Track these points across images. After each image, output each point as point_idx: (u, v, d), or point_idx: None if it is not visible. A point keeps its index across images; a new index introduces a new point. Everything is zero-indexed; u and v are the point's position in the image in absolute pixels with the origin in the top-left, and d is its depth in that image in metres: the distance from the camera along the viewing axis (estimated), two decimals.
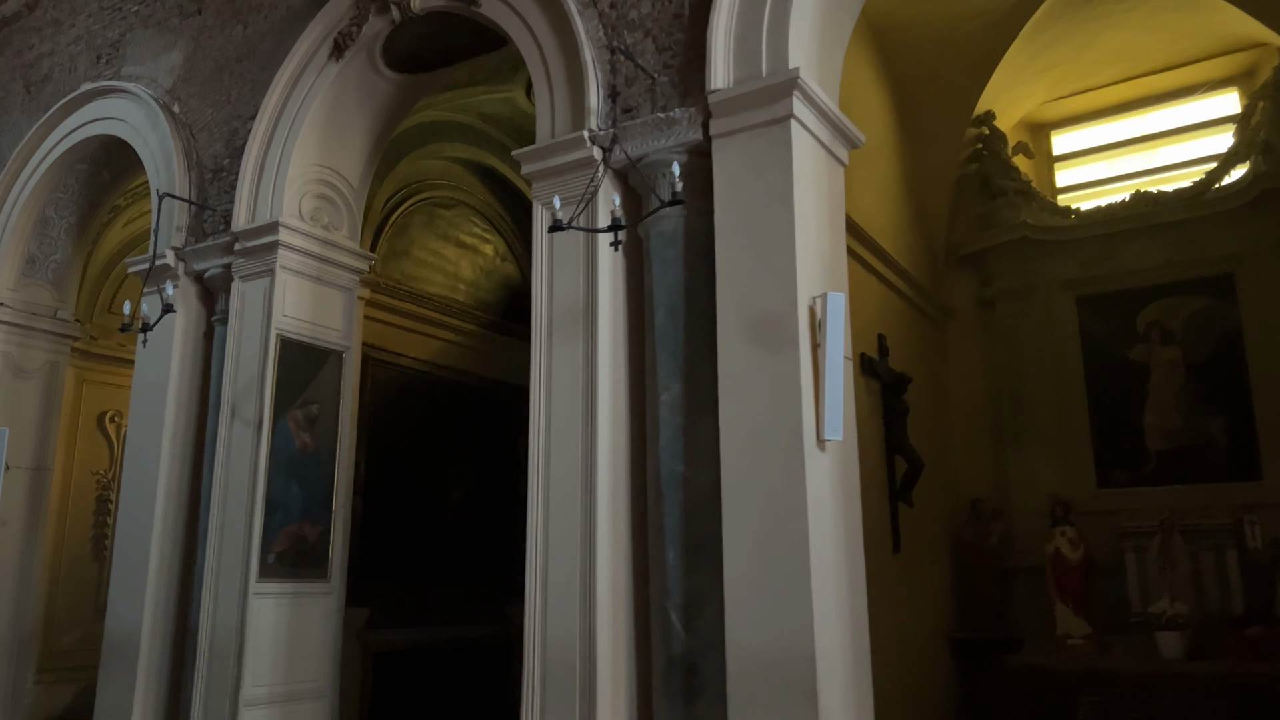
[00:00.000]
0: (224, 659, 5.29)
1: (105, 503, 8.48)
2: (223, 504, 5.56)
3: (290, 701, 5.47)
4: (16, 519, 7.33)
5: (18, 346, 7.52)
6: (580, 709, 4.06)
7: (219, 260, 6.08)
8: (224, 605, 5.38)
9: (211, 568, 5.49)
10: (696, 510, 4.12)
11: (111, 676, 5.76)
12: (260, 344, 5.68)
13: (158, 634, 5.76)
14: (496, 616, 8.50)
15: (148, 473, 5.96)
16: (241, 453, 5.57)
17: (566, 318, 4.53)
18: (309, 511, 5.75)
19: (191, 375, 6.16)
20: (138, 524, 5.90)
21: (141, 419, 6.13)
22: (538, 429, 4.52)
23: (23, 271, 7.66)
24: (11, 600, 7.24)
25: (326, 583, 5.80)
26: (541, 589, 4.32)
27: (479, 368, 8.60)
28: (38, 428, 7.54)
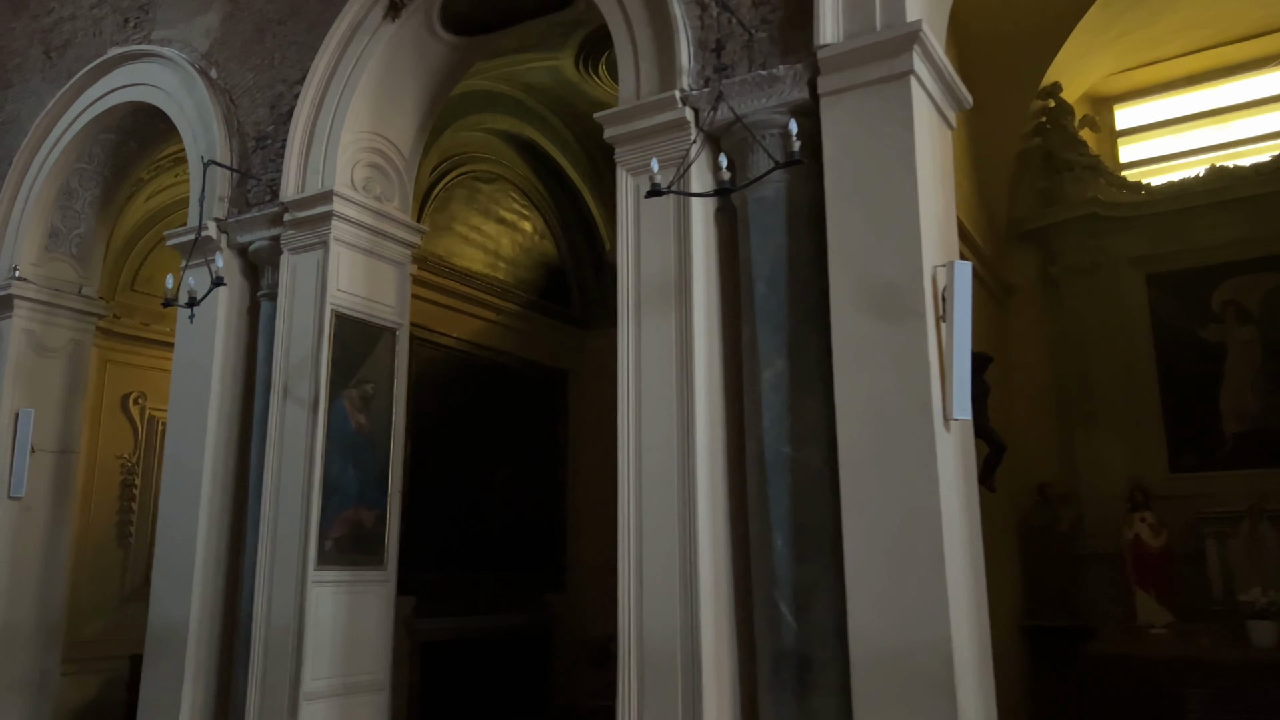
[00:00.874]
0: (281, 651, 5.05)
1: (130, 487, 8.21)
2: (276, 488, 5.31)
3: (349, 694, 5.24)
4: (41, 503, 7.06)
5: (41, 324, 7.23)
6: (684, 706, 3.85)
7: (265, 232, 5.81)
8: (280, 594, 5.14)
9: (265, 555, 5.25)
10: (805, 493, 3.90)
11: (156, 669, 5.52)
12: (314, 320, 5.42)
13: (205, 624, 5.52)
14: (536, 604, 8.30)
15: (192, 455, 5.70)
16: (295, 434, 5.32)
17: (657, 291, 4.29)
18: (365, 495, 5.51)
19: (236, 353, 5.90)
20: (182, 509, 5.65)
21: (184, 399, 5.86)
22: (627, 409, 4.29)
23: (45, 246, 7.37)
24: (36, 587, 6.98)
25: (383, 570, 5.57)
26: (636, 579, 4.11)
27: (519, 349, 8.36)
28: (62, 409, 7.27)
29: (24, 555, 6.92)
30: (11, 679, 6.77)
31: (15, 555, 6.88)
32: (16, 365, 7.06)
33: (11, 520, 6.88)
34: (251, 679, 5.12)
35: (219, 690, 5.52)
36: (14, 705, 6.76)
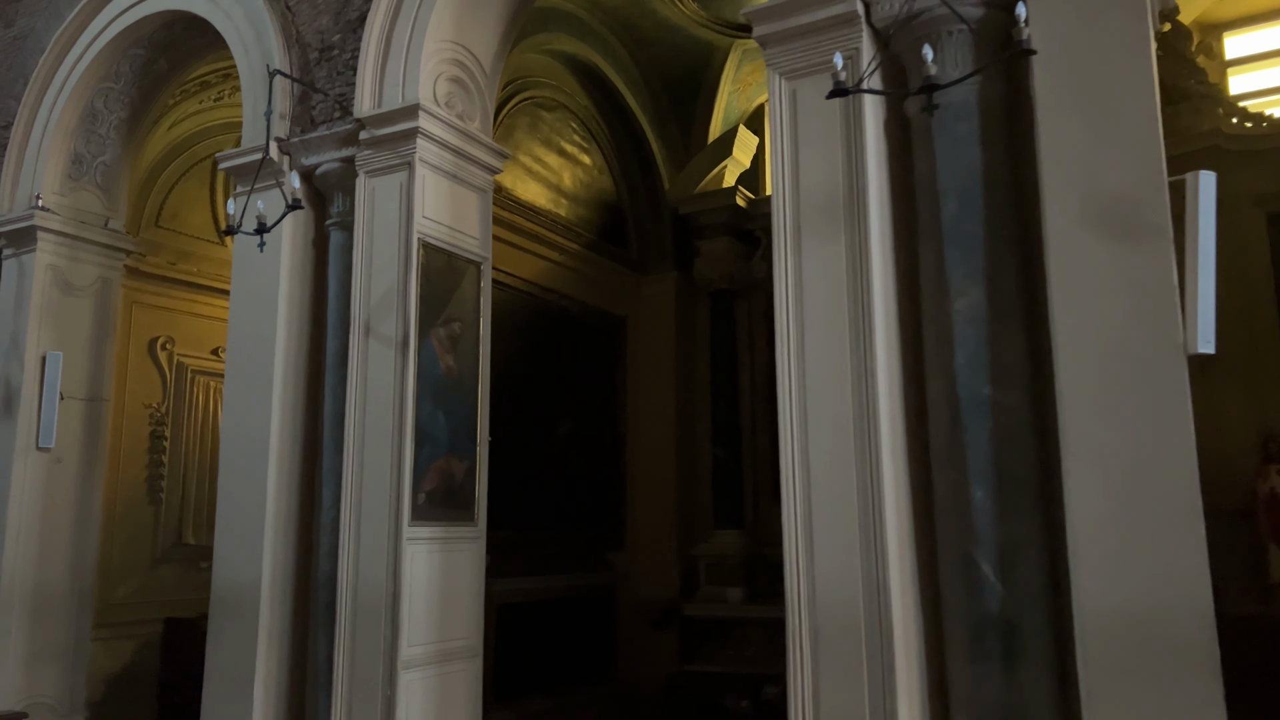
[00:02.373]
0: (372, 615, 4.61)
1: (159, 439, 7.69)
2: (360, 436, 4.84)
3: (444, 662, 4.82)
4: (71, 455, 6.55)
5: (67, 260, 6.66)
6: (871, 680, 3.45)
7: (335, 153, 5.27)
8: (369, 553, 4.69)
9: (349, 510, 4.79)
10: (1010, 439, 3.48)
11: (224, 635, 5.06)
12: (399, 250, 4.92)
13: (277, 587, 5.06)
14: (599, 564, 7.90)
15: (257, 402, 5.20)
16: (382, 376, 4.84)
17: (821, 212, 3.82)
18: (455, 444, 5.06)
19: (302, 288, 5.39)
20: (248, 460, 5.16)
21: (245, 340, 5.34)
22: (787, 344, 3.84)
23: (69, 174, 6.77)
24: (68, 547, 6.49)
25: (473, 526, 5.13)
26: (804, 536, 3.70)
27: (580, 292, 7.88)
28: (91, 353, 6.72)
29: (55, 512, 6.42)
30: (44, 645, 6.30)
31: (46, 511, 6.38)
32: (42, 304, 6.50)
33: (41, 473, 6.37)
34: (339, 647, 4.68)
35: (293, 658, 5.07)
36: (47, 673, 6.29)
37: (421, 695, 4.65)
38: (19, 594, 6.18)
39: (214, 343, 8.20)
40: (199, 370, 8.06)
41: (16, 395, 6.35)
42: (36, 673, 6.24)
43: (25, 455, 6.30)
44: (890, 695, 3.40)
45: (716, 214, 8.34)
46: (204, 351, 8.12)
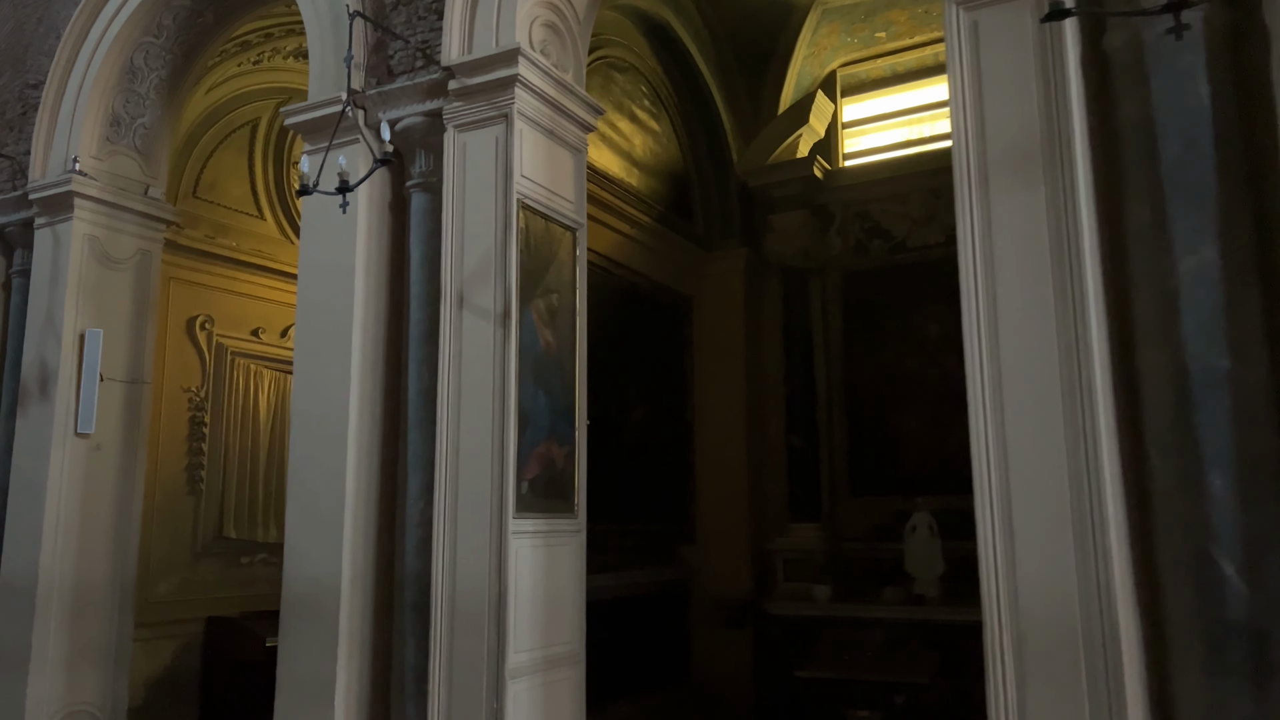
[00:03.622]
0: (475, 618, 4.17)
1: (199, 425, 7.23)
2: (455, 419, 4.38)
3: (548, 670, 4.39)
4: (111, 442, 6.09)
5: (105, 230, 6.19)
6: (1091, 694, 3.01)
7: (417, 106, 4.81)
8: (468, 548, 4.24)
9: (445, 501, 4.34)
10: (1253, 419, 3.03)
11: (299, 640, 4.62)
12: (496, 212, 4.46)
13: (358, 586, 4.60)
14: (671, 559, 7.47)
15: (334, 381, 4.74)
16: (480, 352, 4.39)
17: (1013, 157, 3.37)
18: (556, 428, 4.61)
19: (380, 256, 4.92)
20: (324, 446, 4.70)
21: (318, 314, 4.88)
22: (974, 313, 3.39)
23: (106, 136, 6.29)
24: (109, 541, 6.04)
25: (574, 518, 4.69)
26: (1002, 531, 3.26)
27: (649, 269, 7.42)
28: (131, 331, 6.26)
29: (95, 503, 5.97)
30: (84, 646, 5.85)
31: (86, 502, 5.92)
32: (80, 278, 6.03)
33: (80, 461, 5.91)
34: (434, 653, 4.23)
35: (375, 665, 4.63)
36: (87, 677, 5.85)
37: (528, 707, 4.21)
38: (58, 592, 5.73)
39: (254, 323, 7.75)
40: (239, 352, 7.59)
41: (54, 376, 5.89)
42: (77, 678, 5.79)
43: (64, 441, 5.84)
44: (1120, 716, 2.96)
45: (791, 186, 7.90)
46: (244, 332, 7.65)
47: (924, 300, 7.72)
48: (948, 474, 7.39)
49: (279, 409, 7.86)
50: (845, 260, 8.04)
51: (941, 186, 7.71)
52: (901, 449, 7.68)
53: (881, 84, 8.47)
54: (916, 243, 7.80)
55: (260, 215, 7.91)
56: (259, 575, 7.61)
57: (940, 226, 7.71)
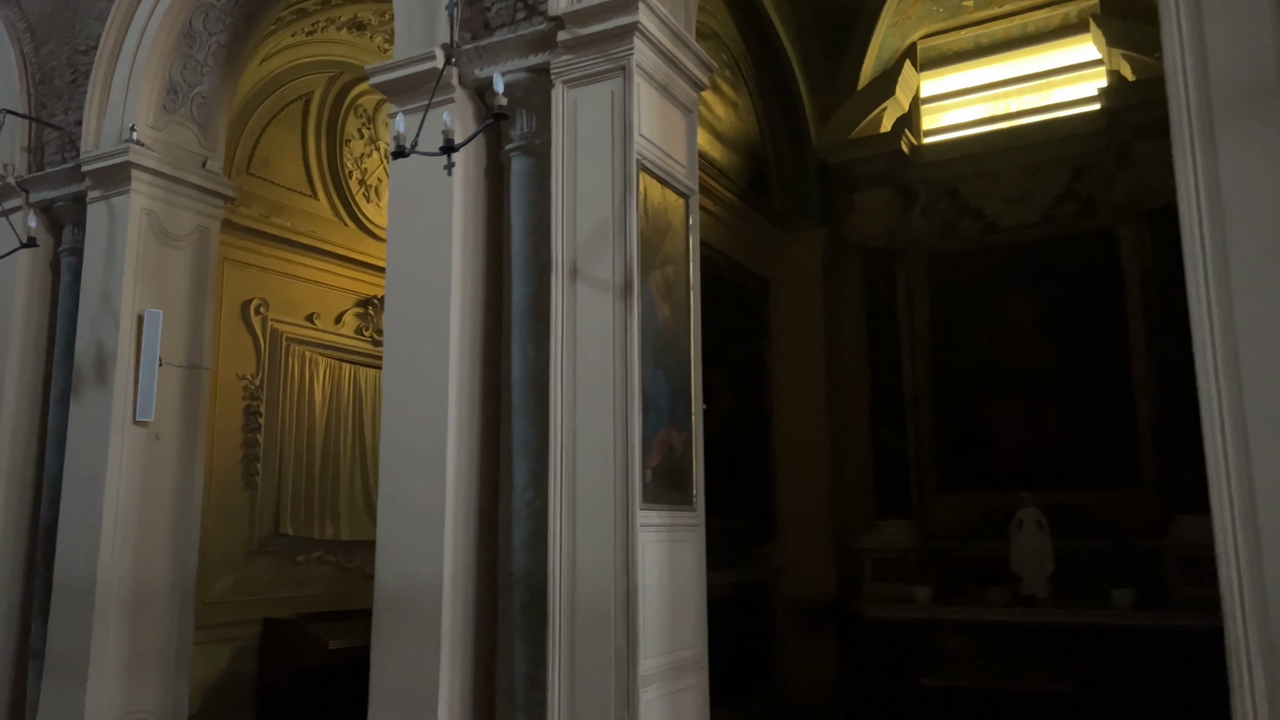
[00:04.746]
0: (600, 619, 3.79)
1: (254, 415, 6.87)
2: (571, 402, 4.01)
3: (675, 676, 4.01)
4: (170, 432, 5.74)
5: (163, 204, 5.84)
6: None
7: (519, 61, 4.44)
8: (591, 543, 3.87)
9: (561, 491, 3.97)
10: None
11: (395, 644, 4.24)
12: (613, 175, 4.09)
13: (460, 584, 4.23)
14: (754, 558, 7.09)
15: (430, 362, 4.37)
16: (597, 328, 4.02)
17: (1244, 98, 2.98)
18: (675, 412, 4.24)
19: (476, 224, 4.55)
20: (421, 432, 4.33)
21: (412, 290, 4.51)
22: (1201, 271, 3.00)
23: (163, 104, 5.94)
24: (169, 538, 5.69)
25: (694, 511, 4.32)
26: (1245, 525, 2.87)
27: (730, 248, 7.06)
28: (190, 313, 5.91)
29: (154, 496, 5.62)
30: (145, 651, 5.50)
31: (145, 496, 5.57)
32: (139, 255, 5.68)
33: (138, 452, 5.56)
34: (552, 658, 3.86)
35: (478, 671, 4.25)
36: (147, 682, 5.50)
37: (658, 719, 3.83)
38: (117, 592, 5.38)
39: (309, 307, 7.39)
40: (294, 338, 7.24)
41: (111, 360, 5.54)
42: (136, 683, 5.44)
43: (122, 430, 5.49)
44: None
45: (874, 163, 7.52)
46: (298, 317, 7.30)
47: (1017, 284, 7.34)
48: (1045, 467, 7.03)
49: (334, 398, 7.51)
50: (931, 242, 7.65)
51: (1037, 163, 7.36)
52: (993, 442, 7.29)
53: (963, 57, 8.08)
54: (1009, 222, 7.41)
55: (314, 195, 7.56)
56: (314, 574, 7.26)
57: (1035, 205, 7.33)
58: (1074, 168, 7.20)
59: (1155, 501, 6.54)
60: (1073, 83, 7.60)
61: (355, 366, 7.74)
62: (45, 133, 6.22)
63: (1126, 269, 6.95)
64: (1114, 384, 6.90)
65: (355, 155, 7.96)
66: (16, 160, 6.21)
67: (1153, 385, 6.70)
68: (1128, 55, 6.70)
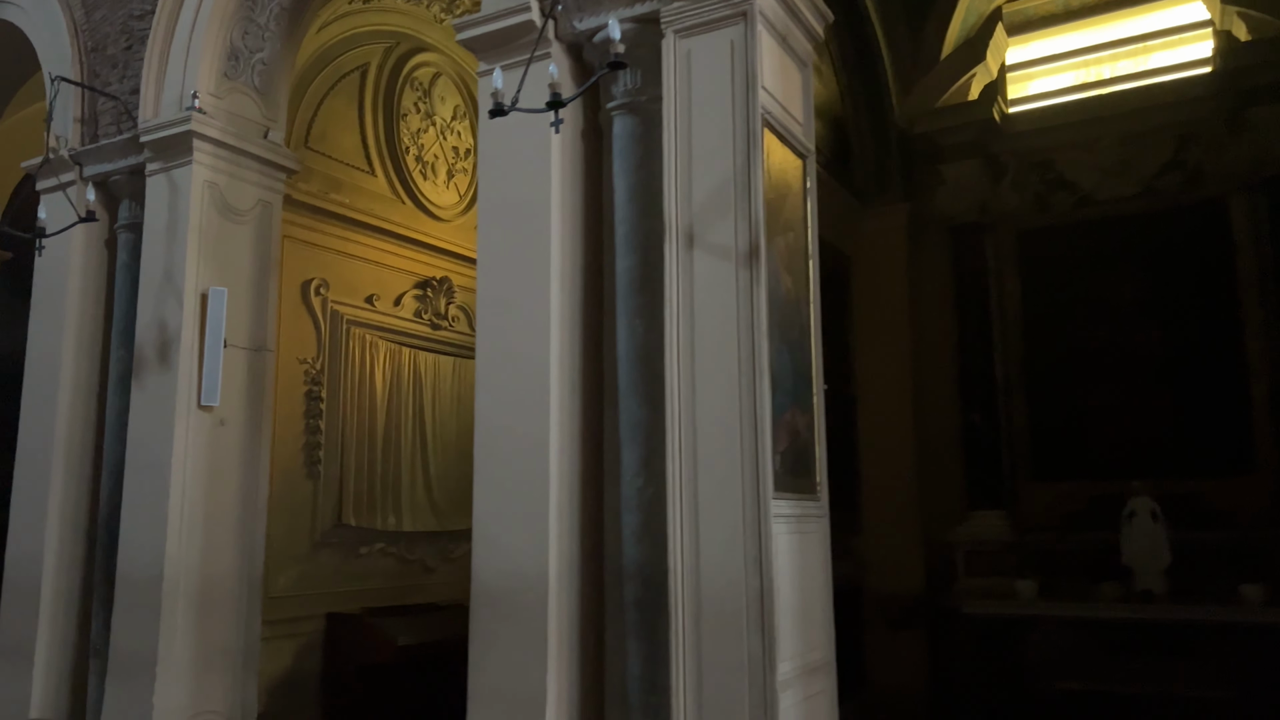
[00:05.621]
0: (729, 618, 3.49)
1: (315, 401, 6.59)
2: (689, 380, 3.70)
3: (806, 680, 3.70)
4: (236, 417, 5.48)
5: (226, 176, 5.56)
6: None
7: (623, 11, 4.10)
8: (717, 535, 3.56)
9: (680, 478, 3.66)
10: None
11: (495, 643, 3.95)
12: (734, 131, 3.77)
13: (565, 578, 3.93)
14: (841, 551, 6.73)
15: (529, 338, 4.07)
16: (718, 299, 3.70)
17: None
18: (798, 392, 3.92)
19: (575, 191, 4.23)
20: (522, 415, 4.02)
21: (506, 260, 4.20)
22: None
23: (224, 72, 5.67)
24: (236, 528, 5.44)
25: (818, 500, 4.00)
26: None
27: None
28: (253, 292, 5.65)
29: (220, 486, 5.37)
30: (212, 648, 5.26)
31: (211, 485, 5.32)
32: (201, 230, 5.41)
33: (204, 438, 5.30)
34: (676, 661, 3.55)
35: (585, 672, 3.95)
36: (215, 682, 5.26)
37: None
38: (184, 586, 5.13)
39: (368, 289, 7.11)
40: (354, 321, 6.95)
41: (174, 341, 5.27)
42: (205, 682, 5.19)
43: (187, 415, 5.22)
44: None
45: (963, 132, 7.15)
46: (358, 299, 7.01)
47: (1116, 260, 6.95)
48: (1150, 455, 6.66)
49: (394, 384, 7.23)
50: (1022, 217, 7.27)
51: (1138, 131, 6.94)
52: (1092, 428, 6.92)
53: (1050, 22, 7.68)
54: (1106, 195, 7.02)
55: (371, 171, 7.27)
56: (376, 567, 6.99)
57: (1136, 176, 6.93)
58: (1179, 135, 6.79)
59: (1273, 488, 6.16)
60: (1174, 46, 7.19)
61: (415, 351, 7.45)
62: (99, 103, 5.96)
63: (1239, 241, 6.55)
64: (1225, 364, 6.51)
65: (412, 130, 7.67)
66: (69, 132, 5.95)
67: (1269, 364, 6.32)
68: (1244, 13, 6.30)
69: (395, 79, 7.55)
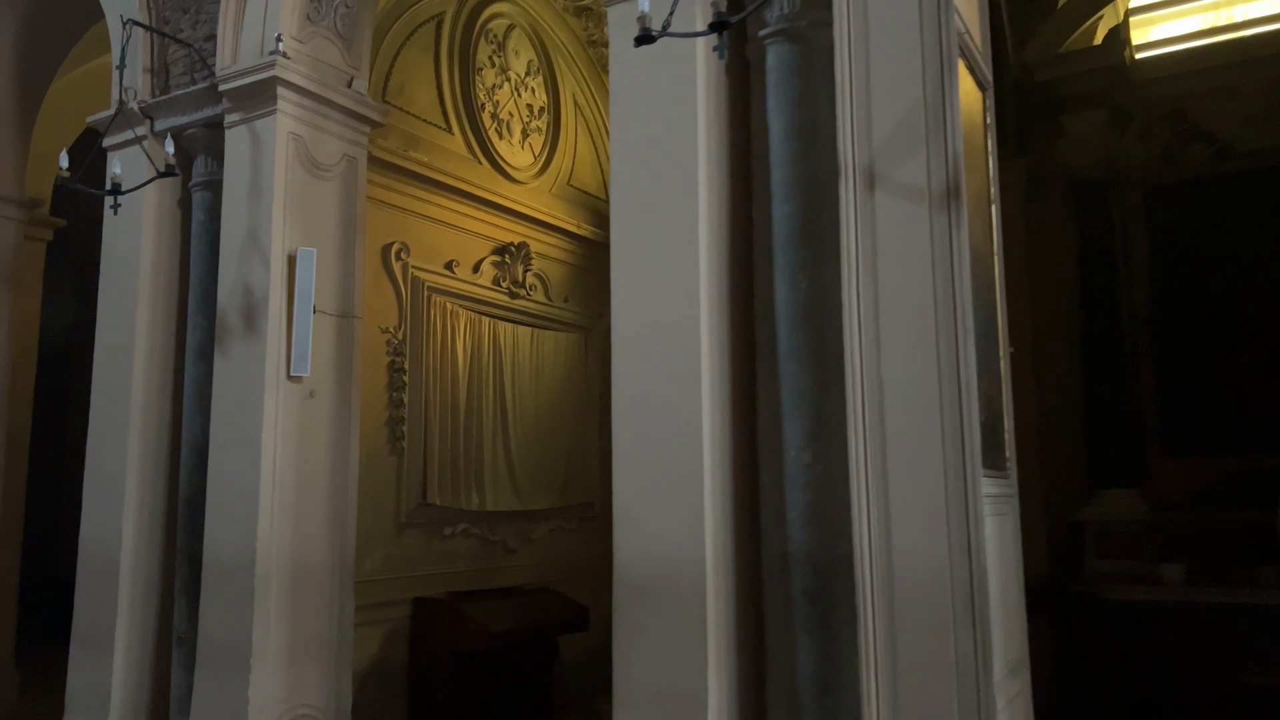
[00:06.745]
0: (931, 613, 3.05)
1: (398, 372, 6.19)
2: (874, 340, 3.25)
3: (1009, 680, 3.24)
4: (325, 390, 5.08)
5: (310, 128, 5.14)
6: None
7: None
8: (912, 518, 3.11)
9: (864, 452, 3.20)
10: None
11: (646, 635, 3.53)
12: (923, 56, 3.29)
13: (722, 567, 3.49)
14: None
15: (675, 297, 3.63)
16: (908, 246, 3.23)
17: None
18: (988, 355, 3.44)
19: (720, 132, 3.76)
20: (668, 383, 3.60)
21: (645, 210, 3.75)
22: None
23: (307, 14, 5.22)
24: (327, 508, 5.07)
25: (1008, 479, 3.54)
26: None
27: None
28: (339, 254, 5.24)
29: (310, 463, 4.99)
30: (306, 637, 4.89)
31: (301, 462, 4.93)
32: (286, 186, 5.00)
33: (293, 411, 4.91)
34: (867, 661, 3.13)
35: (743, 670, 3.53)
36: (310, 675, 4.89)
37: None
38: (276, 571, 4.75)
39: (448, 254, 6.69)
40: (435, 288, 6.53)
41: (261, 306, 4.87)
42: (299, 674, 4.83)
43: (277, 386, 4.83)
44: None
45: (1088, 80, 6.60)
46: (438, 265, 6.59)
47: (1260, 216, 6.39)
48: None
49: (475, 355, 6.81)
50: (1150, 171, 6.71)
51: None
52: (1227, 399, 6.39)
53: None
54: (1249, 146, 6.44)
55: (448, 128, 6.83)
56: (460, 549, 6.62)
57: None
58: None
59: None
60: None
61: (494, 321, 7.03)
62: (170, 52, 5.54)
63: None
64: None
65: (487, 86, 7.22)
66: (139, 84, 5.54)
67: None
68: None
69: (470, 30, 7.10)
